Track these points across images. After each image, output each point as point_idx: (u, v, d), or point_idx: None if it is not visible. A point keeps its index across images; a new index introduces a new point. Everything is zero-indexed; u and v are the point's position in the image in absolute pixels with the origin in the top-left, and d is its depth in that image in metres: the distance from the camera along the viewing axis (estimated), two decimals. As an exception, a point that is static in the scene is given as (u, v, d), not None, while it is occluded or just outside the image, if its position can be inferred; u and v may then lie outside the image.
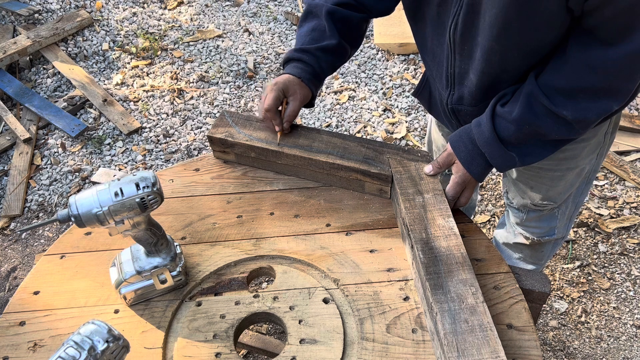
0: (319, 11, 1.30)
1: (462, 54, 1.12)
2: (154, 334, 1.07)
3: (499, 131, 1.11)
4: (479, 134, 1.13)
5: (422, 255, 1.06)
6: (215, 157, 1.41)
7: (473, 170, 1.16)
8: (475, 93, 1.17)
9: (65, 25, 3.23)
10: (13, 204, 2.54)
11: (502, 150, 1.12)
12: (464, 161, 1.16)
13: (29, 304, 1.13)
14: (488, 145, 1.12)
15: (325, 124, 2.84)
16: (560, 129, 1.07)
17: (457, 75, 1.18)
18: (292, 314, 1.09)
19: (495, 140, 1.11)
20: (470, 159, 1.15)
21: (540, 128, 1.07)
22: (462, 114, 1.27)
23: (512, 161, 1.13)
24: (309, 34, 1.32)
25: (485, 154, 1.13)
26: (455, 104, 1.25)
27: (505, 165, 1.14)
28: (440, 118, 1.43)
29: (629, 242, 2.30)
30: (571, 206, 1.54)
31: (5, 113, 2.83)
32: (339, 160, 1.27)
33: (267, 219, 1.26)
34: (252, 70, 3.12)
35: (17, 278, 2.31)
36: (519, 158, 1.13)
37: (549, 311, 2.11)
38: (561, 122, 1.06)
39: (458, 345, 0.93)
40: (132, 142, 2.79)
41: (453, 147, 1.18)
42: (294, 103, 1.30)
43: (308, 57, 1.30)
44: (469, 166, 1.16)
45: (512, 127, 1.09)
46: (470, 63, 1.12)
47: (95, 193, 0.96)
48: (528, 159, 1.14)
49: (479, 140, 1.13)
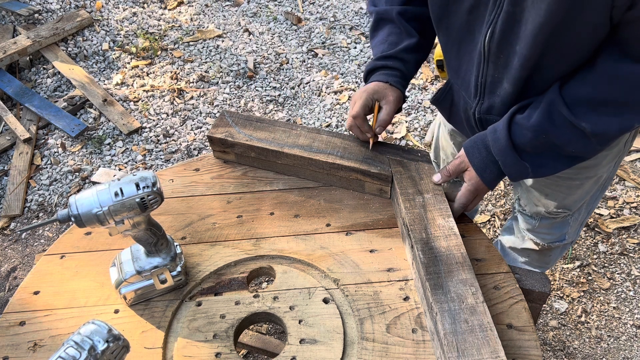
0: (390, 15, 1.28)
1: (496, 62, 1.09)
2: (154, 334, 1.07)
3: (515, 138, 1.08)
4: (494, 141, 1.11)
5: (422, 255, 1.06)
6: (215, 157, 1.41)
7: (486, 177, 1.14)
8: (508, 102, 1.13)
9: (65, 25, 3.23)
10: (13, 204, 2.54)
11: (516, 159, 1.09)
12: (477, 168, 1.14)
13: (29, 304, 1.13)
14: (502, 153, 1.10)
15: (325, 124, 2.84)
16: (577, 142, 1.04)
17: (488, 85, 1.14)
18: (292, 314, 1.09)
19: (510, 147, 1.09)
20: (484, 166, 1.13)
21: (557, 139, 1.05)
22: (491, 123, 1.21)
23: (524, 171, 1.11)
24: (385, 40, 1.30)
25: (499, 161, 1.11)
26: (484, 114, 1.21)
27: (518, 175, 1.12)
28: (462, 127, 1.39)
29: (629, 242, 2.30)
30: (584, 212, 1.52)
31: (5, 113, 2.83)
32: (339, 160, 1.27)
33: (267, 219, 1.26)
34: (252, 70, 3.12)
35: (17, 278, 2.31)
36: (532, 169, 1.11)
37: (549, 311, 2.11)
38: (579, 134, 1.03)
39: (458, 345, 0.93)
40: (132, 142, 2.79)
41: (467, 153, 1.16)
42: (387, 107, 1.25)
43: (392, 62, 1.27)
44: (482, 173, 1.13)
45: (528, 134, 1.06)
46: (506, 72, 1.08)
47: (95, 193, 0.96)
48: (541, 170, 1.12)
49: (493, 148, 1.11)
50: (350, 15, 3.47)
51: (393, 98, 1.25)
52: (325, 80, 3.06)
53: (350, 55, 3.21)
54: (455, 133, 1.55)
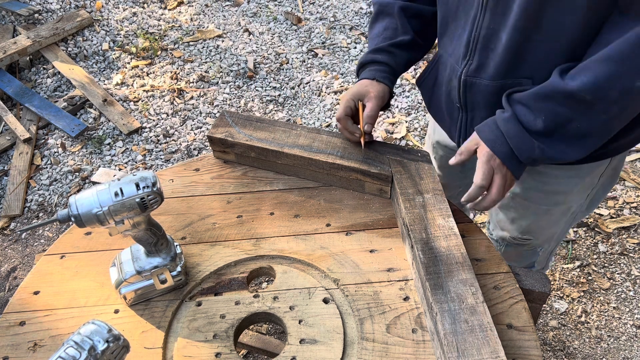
0: (391, 9, 1.27)
1: (495, 10, 1.05)
2: (154, 334, 1.07)
3: (518, 114, 1.06)
4: (499, 115, 1.09)
5: (422, 255, 1.06)
6: (215, 157, 1.41)
7: (497, 149, 1.08)
8: (500, 58, 1.09)
9: (65, 25, 3.23)
10: (13, 204, 2.54)
11: (521, 131, 1.06)
12: (486, 140, 1.10)
13: (29, 304, 1.13)
14: (506, 123, 1.07)
15: (325, 124, 2.84)
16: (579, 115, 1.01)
17: (482, 38, 1.10)
18: (292, 314, 1.09)
19: (514, 118, 1.06)
20: (494, 137, 1.09)
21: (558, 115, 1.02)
22: (475, 91, 1.17)
23: (531, 146, 1.06)
24: (381, 33, 1.28)
25: (504, 132, 1.07)
26: (471, 76, 1.15)
27: (524, 149, 1.06)
28: (440, 110, 1.33)
29: (629, 242, 2.30)
30: (553, 244, 1.50)
31: (5, 113, 2.83)
32: (339, 160, 1.27)
33: (267, 219, 1.26)
34: (252, 70, 3.12)
35: (17, 278, 2.31)
36: (539, 146, 1.06)
37: (549, 311, 2.11)
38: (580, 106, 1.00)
39: (458, 345, 0.93)
40: (132, 142, 2.79)
41: (478, 130, 1.13)
42: (370, 103, 1.24)
43: (382, 55, 1.26)
44: (493, 145, 1.09)
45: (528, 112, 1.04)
46: (503, 20, 1.05)
47: (95, 193, 0.96)
48: (550, 152, 1.06)
49: (499, 120, 1.09)
50: (350, 15, 3.47)
51: (375, 93, 1.24)
52: (325, 80, 3.06)
53: (350, 55, 3.21)
54: (438, 147, 1.53)
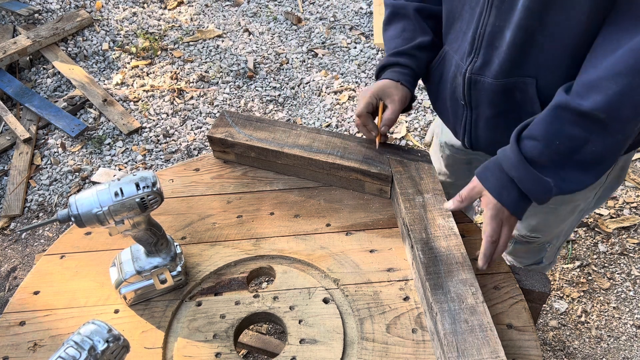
0: (406, 11, 1.26)
1: (500, 7, 1.01)
2: (154, 334, 1.07)
3: (526, 152, 0.99)
4: (504, 159, 1.02)
5: (422, 255, 1.06)
6: (215, 157, 1.41)
7: (504, 199, 1.03)
8: (504, 57, 1.05)
9: (65, 25, 3.23)
10: (13, 204, 2.54)
11: (533, 174, 0.99)
12: (492, 189, 1.04)
13: (29, 304, 1.13)
14: (515, 169, 1.00)
15: (325, 124, 2.84)
16: (595, 140, 0.95)
17: (487, 36, 1.06)
18: (292, 314, 1.09)
19: (523, 161, 0.99)
20: (500, 187, 1.03)
21: (572, 141, 0.96)
22: (479, 89, 1.13)
23: (546, 186, 0.99)
24: (399, 35, 1.26)
25: (514, 179, 1.01)
26: (476, 73, 1.11)
27: (541, 192, 1.00)
28: (445, 107, 1.29)
29: (629, 242, 2.30)
30: (561, 239, 1.50)
31: (5, 113, 2.83)
32: (339, 160, 1.27)
33: (267, 219, 1.26)
34: (252, 70, 3.12)
35: (17, 278, 2.31)
36: (555, 183, 0.99)
37: (549, 311, 2.11)
38: (594, 129, 0.94)
39: (458, 345, 0.93)
40: (132, 142, 2.79)
41: (479, 176, 1.07)
42: (392, 105, 1.23)
43: (404, 59, 1.24)
44: (500, 196, 1.03)
45: (539, 145, 0.98)
46: (508, 18, 1.01)
47: (95, 193, 0.96)
48: (566, 185, 0.99)
49: (505, 166, 1.02)
50: (350, 15, 3.47)
51: (398, 97, 1.23)
52: (325, 80, 3.06)
53: (350, 55, 3.21)
54: (445, 147, 1.52)
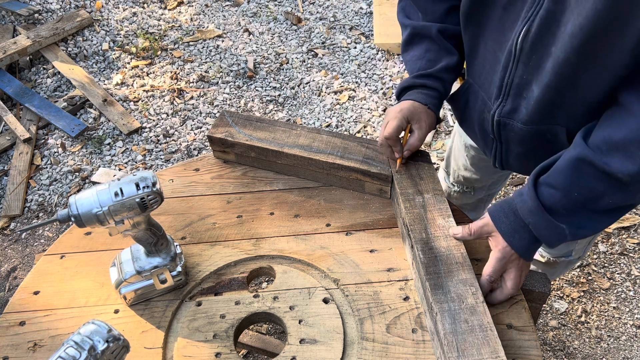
0: (429, 32, 1.22)
1: (527, 63, 1.01)
2: (154, 334, 1.07)
3: (544, 200, 0.98)
4: (521, 203, 1.00)
5: (422, 255, 1.06)
6: (215, 157, 1.41)
7: (516, 243, 1.01)
8: (533, 108, 1.05)
9: (65, 25, 3.23)
10: (13, 204, 2.54)
11: (549, 221, 0.97)
12: (504, 233, 1.02)
13: (29, 304, 1.13)
14: (532, 215, 0.98)
15: (325, 124, 2.84)
16: (614, 194, 0.93)
17: (514, 86, 1.06)
18: (292, 314, 1.09)
19: (540, 209, 0.97)
20: (512, 230, 1.01)
21: (592, 193, 0.94)
22: (509, 130, 1.13)
23: (561, 234, 0.98)
24: (422, 56, 1.23)
25: (530, 225, 0.99)
26: (505, 117, 1.11)
27: (555, 238, 0.99)
28: (472, 130, 1.29)
29: (629, 242, 2.30)
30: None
31: (5, 113, 2.83)
32: (339, 160, 1.27)
33: (267, 219, 1.26)
34: (252, 70, 3.12)
35: (17, 278, 2.31)
36: (570, 231, 0.98)
37: (549, 311, 2.11)
38: (616, 185, 0.92)
39: (458, 345, 0.93)
40: (132, 142, 2.79)
41: (492, 217, 1.05)
42: (419, 132, 1.21)
43: (432, 81, 1.21)
44: (511, 239, 1.01)
45: (558, 194, 0.96)
46: (536, 74, 1.01)
47: (95, 193, 0.96)
48: (581, 232, 0.98)
49: (521, 211, 1.00)
50: (350, 15, 3.47)
51: (427, 124, 1.20)
52: (325, 80, 3.06)
53: (350, 55, 3.20)
54: (471, 148, 1.50)
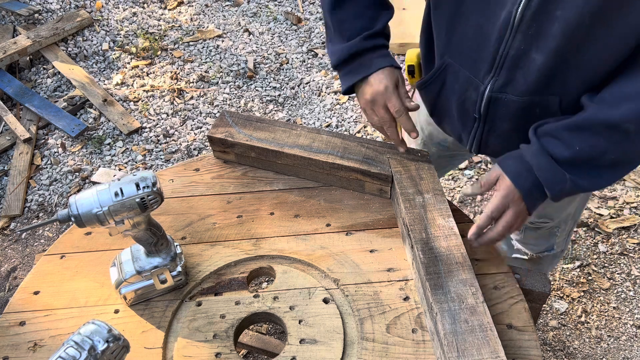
0: None
1: (527, 32, 0.97)
2: (154, 334, 1.07)
3: (547, 146, 1.01)
4: (526, 148, 1.05)
5: (422, 255, 1.06)
6: (215, 157, 1.41)
7: (520, 183, 1.03)
8: (534, 77, 1.02)
9: (65, 25, 3.23)
10: (13, 204, 2.54)
11: (551, 163, 1.01)
12: (509, 172, 1.05)
13: (29, 304, 1.13)
14: (535, 157, 1.02)
15: (325, 124, 2.84)
16: (616, 149, 0.96)
17: (510, 58, 1.03)
18: (292, 314, 1.09)
19: (544, 152, 1.01)
20: (517, 172, 1.04)
21: (594, 147, 0.97)
22: (500, 105, 1.11)
23: (562, 179, 1.01)
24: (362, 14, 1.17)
25: (533, 166, 1.02)
26: (497, 92, 1.08)
27: (556, 182, 1.01)
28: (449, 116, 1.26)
29: (629, 242, 2.30)
30: (570, 223, 1.49)
31: (5, 113, 2.83)
32: (339, 160, 1.27)
33: (267, 219, 1.26)
34: (252, 70, 3.12)
35: (17, 278, 2.31)
36: (571, 179, 1.01)
37: (549, 311, 2.11)
38: (617, 139, 0.95)
39: (458, 345, 0.93)
40: (132, 142, 2.79)
41: (499, 162, 1.08)
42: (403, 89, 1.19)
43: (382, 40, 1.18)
44: (516, 179, 1.04)
45: (560, 144, 1.00)
46: (536, 42, 0.98)
47: (95, 193, 0.96)
48: (581, 182, 1.01)
49: (526, 154, 1.04)
50: (350, 15, 3.47)
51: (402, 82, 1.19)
52: (325, 80, 3.06)
53: (350, 55, 3.20)
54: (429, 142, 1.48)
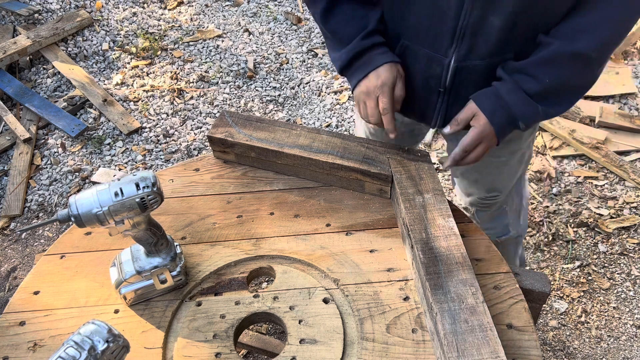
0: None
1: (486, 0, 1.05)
2: (154, 334, 1.07)
3: (521, 84, 1.10)
4: (500, 86, 1.12)
5: (422, 255, 1.06)
6: (215, 157, 1.41)
7: (495, 121, 1.13)
8: (494, 39, 1.10)
9: (65, 25, 3.23)
10: (13, 204, 2.54)
11: (525, 98, 1.10)
12: (485, 110, 1.13)
13: (29, 304, 1.13)
14: (511, 93, 1.11)
15: (325, 124, 2.84)
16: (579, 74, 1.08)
17: (470, 26, 1.08)
18: (292, 314, 1.09)
19: (518, 88, 1.10)
20: (493, 109, 1.13)
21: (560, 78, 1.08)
22: (465, 74, 1.16)
23: (535, 111, 1.12)
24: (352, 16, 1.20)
25: (509, 102, 1.11)
26: (461, 61, 1.14)
27: (530, 115, 1.12)
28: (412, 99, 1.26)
29: (629, 242, 2.30)
30: (516, 199, 1.55)
31: (5, 113, 2.83)
32: (339, 160, 1.27)
33: (267, 219, 1.26)
34: (252, 70, 3.12)
35: (17, 278, 2.31)
36: (543, 109, 1.12)
37: (549, 311, 2.11)
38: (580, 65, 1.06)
39: (458, 345, 0.93)
40: (132, 142, 2.79)
41: (475, 99, 1.15)
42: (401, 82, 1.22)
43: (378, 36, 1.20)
44: (492, 117, 1.13)
45: (531, 80, 1.09)
46: (493, 7, 1.05)
47: (95, 193, 0.96)
48: (551, 110, 1.13)
49: (501, 90, 1.12)
50: (350, 15, 3.47)
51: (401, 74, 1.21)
52: (325, 80, 3.06)
53: (350, 55, 3.20)
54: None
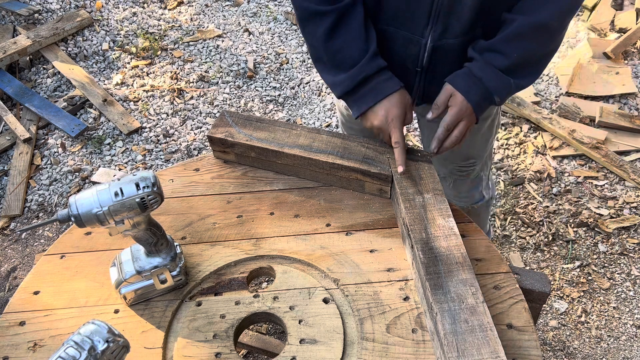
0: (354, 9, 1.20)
1: None
2: (154, 334, 1.07)
3: (492, 61, 1.17)
4: (472, 65, 1.19)
5: (422, 255, 1.06)
6: (215, 157, 1.41)
7: (471, 98, 1.18)
8: (466, 17, 1.16)
9: (65, 25, 3.23)
10: (13, 204, 2.54)
11: (497, 73, 1.17)
12: (461, 89, 1.19)
13: (29, 304, 1.13)
14: (483, 70, 1.17)
15: (325, 124, 2.84)
16: (543, 44, 1.17)
17: (446, 6, 1.14)
18: (292, 314, 1.09)
19: (489, 65, 1.17)
20: (468, 87, 1.19)
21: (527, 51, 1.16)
22: (441, 52, 1.22)
23: (508, 84, 1.18)
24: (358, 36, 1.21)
25: (482, 78, 1.17)
26: (437, 40, 1.20)
27: (503, 89, 1.19)
28: None
29: (629, 242, 2.30)
30: (489, 163, 1.65)
31: (5, 113, 2.83)
32: (339, 160, 1.27)
33: (267, 219, 1.26)
34: (252, 70, 3.12)
35: (17, 278, 2.31)
36: (515, 82, 1.19)
37: (549, 311, 2.11)
38: (544, 36, 1.15)
39: (458, 345, 0.93)
40: (132, 142, 2.79)
41: (450, 81, 1.21)
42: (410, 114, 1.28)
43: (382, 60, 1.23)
44: (467, 94, 1.18)
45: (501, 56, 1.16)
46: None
47: (95, 193, 0.96)
48: (521, 83, 1.20)
49: (474, 69, 1.18)
50: (350, 15, 3.47)
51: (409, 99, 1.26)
52: (325, 80, 3.06)
53: (350, 55, 3.20)
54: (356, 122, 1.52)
